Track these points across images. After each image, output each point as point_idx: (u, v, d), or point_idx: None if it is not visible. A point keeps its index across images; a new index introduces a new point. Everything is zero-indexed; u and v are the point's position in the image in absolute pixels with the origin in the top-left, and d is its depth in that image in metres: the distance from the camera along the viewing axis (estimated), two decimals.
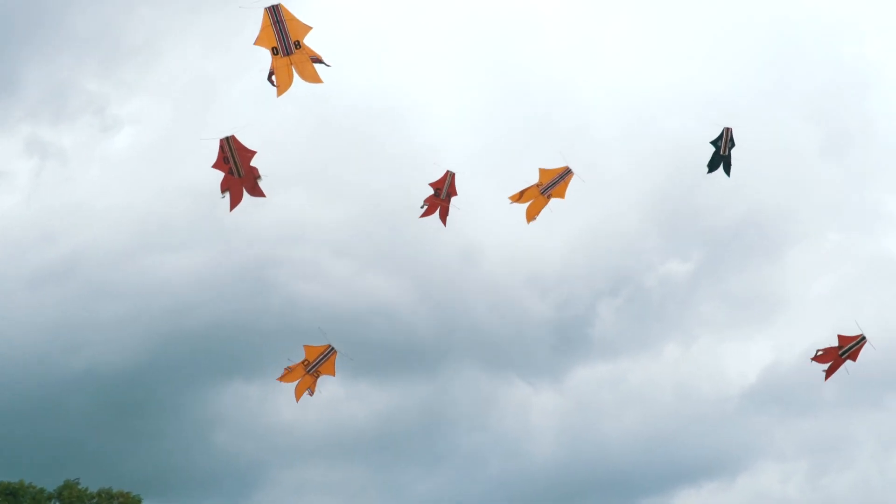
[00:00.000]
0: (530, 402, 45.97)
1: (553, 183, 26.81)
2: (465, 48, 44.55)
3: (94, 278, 43.41)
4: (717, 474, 45.16)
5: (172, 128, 43.84)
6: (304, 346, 25.08)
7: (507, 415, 45.74)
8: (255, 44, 21.54)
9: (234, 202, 22.97)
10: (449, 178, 26.96)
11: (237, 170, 22.50)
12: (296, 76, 21.71)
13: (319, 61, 21.77)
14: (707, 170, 27.61)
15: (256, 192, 22.94)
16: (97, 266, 43.63)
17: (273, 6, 21.15)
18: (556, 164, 26.55)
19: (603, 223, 46.53)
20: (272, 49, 21.42)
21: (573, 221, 45.56)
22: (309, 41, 21.51)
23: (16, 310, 42.64)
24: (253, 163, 22.30)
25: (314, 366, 25.18)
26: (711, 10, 49.87)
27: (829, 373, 25.94)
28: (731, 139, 27.46)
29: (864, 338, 25.80)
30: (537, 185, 27.10)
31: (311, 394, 24.84)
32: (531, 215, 27.04)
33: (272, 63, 21.54)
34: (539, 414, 45.82)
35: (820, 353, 25.75)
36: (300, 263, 43.72)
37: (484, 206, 45.57)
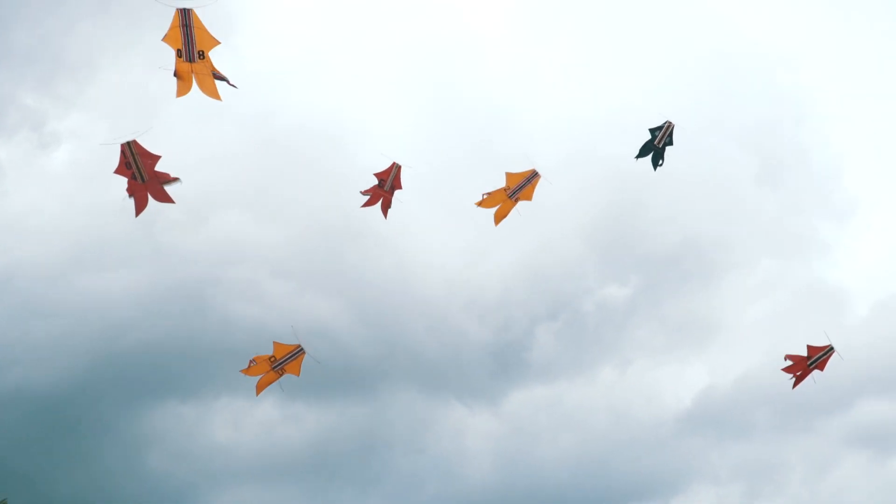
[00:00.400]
0: (467, 425, 45.96)
1: (520, 186, 27.05)
2: (406, 71, 44.63)
3: (27, 296, 42.76)
4: (652, 497, 45.32)
5: (111, 147, 43.35)
6: (273, 342, 25.23)
7: (443, 437, 45.66)
8: (162, 40, 21.30)
9: (139, 208, 22.55)
10: (395, 170, 27.09)
11: (140, 175, 22.08)
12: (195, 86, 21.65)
13: (223, 79, 21.95)
14: (637, 155, 27.78)
15: (163, 197, 22.51)
16: (30, 284, 42.98)
17: (185, 9, 21.09)
18: (515, 169, 26.79)
19: (542, 249, 46.91)
20: (177, 51, 21.29)
21: (513, 247, 45.90)
22: (215, 55, 21.66)
23: None
24: (168, 171, 22.08)
25: (280, 363, 25.54)
26: (651, 40, 50.57)
27: (797, 381, 26.28)
28: (670, 135, 27.60)
29: (832, 348, 26.16)
30: (504, 189, 27.36)
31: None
32: (499, 218, 27.31)
33: (175, 64, 21.46)
34: (475, 436, 45.81)
35: (789, 363, 26.11)
36: (238, 284, 43.47)
37: (424, 229, 46.02)
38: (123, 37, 44.51)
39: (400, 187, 27.84)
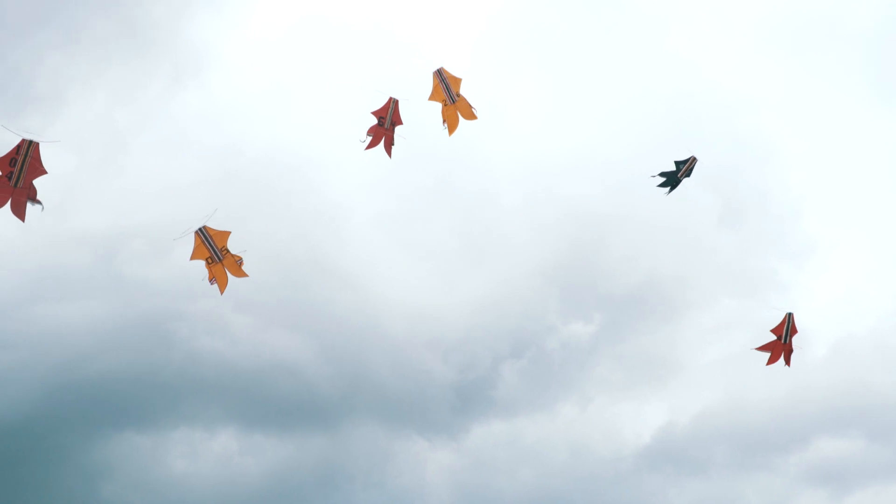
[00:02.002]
0: (427, 459, 45.93)
1: (447, 89, 27.43)
2: (370, 106, 44.89)
3: None
4: None
5: (76, 177, 43.33)
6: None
7: (403, 471, 45.58)
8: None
9: None
10: (392, 104, 27.21)
11: (17, 178, 20.55)
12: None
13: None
14: (659, 181, 28.60)
15: (18, 211, 20.83)
16: None
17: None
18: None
19: (505, 287, 47.23)
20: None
21: (476, 284, 46.18)
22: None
23: None
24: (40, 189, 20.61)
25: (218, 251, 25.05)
26: (613, 81, 51.23)
27: (787, 360, 26.44)
28: (691, 170, 28.53)
29: (790, 314, 26.48)
30: (444, 105, 27.74)
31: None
32: (452, 128, 28.01)
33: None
34: (436, 470, 45.77)
35: (767, 354, 26.29)
36: (202, 317, 43.35)
37: (387, 265, 46.21)
38: (92, 68, 44.55)
39: (400, 122, 28.04)
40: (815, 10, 53.75)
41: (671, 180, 28.96)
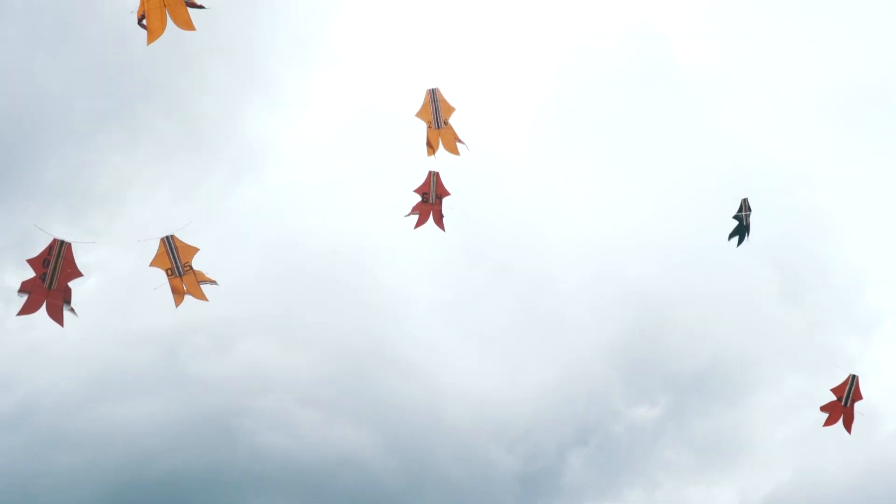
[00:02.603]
0: None
1: (435, 111, 26.87)
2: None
3: (49, 426, 42.45)
4: None
5: (137, 276, 43.65)
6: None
7: None
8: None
9: (28, 309, 20.35)
10: (433, 178, 26.90)
11: (51, 279, 20.32)
12: (168, 21, 19.84)
13: (194, 5, 20.07)
14: (730, 238, 28.60)
15: (56, 315, 20.52)
16: (52, 414, 42.73)
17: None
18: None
19: (568, 372, 46.70)
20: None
21: (539, 370, 45.75)
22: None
23: None
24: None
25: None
26: (667, 159, 51.14)
27: (847, 425, 26.14)
28: (749, 207, 28.70)
29: (854, 376, 25.74)
30: (428, 126, 27.24)
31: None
32: (433, 150, 27.18)
33: (141, 4, 19.91)
34: None
35: (826, 415, 25.63)
36: (266, 412, 43.17)
37: (450, 353, 45.90)
38: (152, 168, 45.17)
39: (446, 193, 27.69)
40: (866, 80, 53.68)
41: (741, 229, 29.08)
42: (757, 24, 53.77)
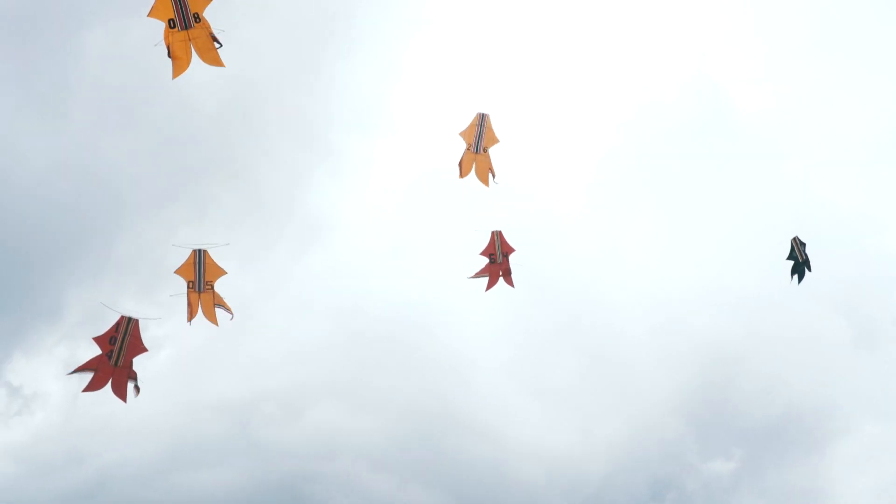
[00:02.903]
0: None
1: (479, 135, 26.68)
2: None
3: (123, 498, 42.94)
4: None
5: (208, 347, 44.35)
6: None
7: None
8: (149, 15, 19.42)
9: (93, 386, 20.29)
10: (497, 238, 26.98)
11: (117, 357, 20.29)
12: (195, 56, 19.49)
13: (216, 41, 19.80)
14: (792, 276, 28.69)
15: (120, 392, 20.40)
16: (126, 485, 43.23)
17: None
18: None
19: (640, 427, 46.28)
20: (168, 21, 19.25)
21: (610, 427, 45.41)
22: (209, 14, 19.78)
23: None
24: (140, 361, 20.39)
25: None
26: (730, 209, 50.84)
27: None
28: (802, 243, 28.91)
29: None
30: (467, 148, 27.09)
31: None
32: (465, 172, 27.06)
33: (166, 37, 19.38)
34: None
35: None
36: (337, 478, 43.29)
37: (520, 413, 45.74)
38: (220, 240, 45.86)
39: (511, 250, 27.76)
40: None
41: (799, 266, 29.26)
42: (816, 68, 53.57)
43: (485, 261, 28.08)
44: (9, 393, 44.07)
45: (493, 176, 27.56)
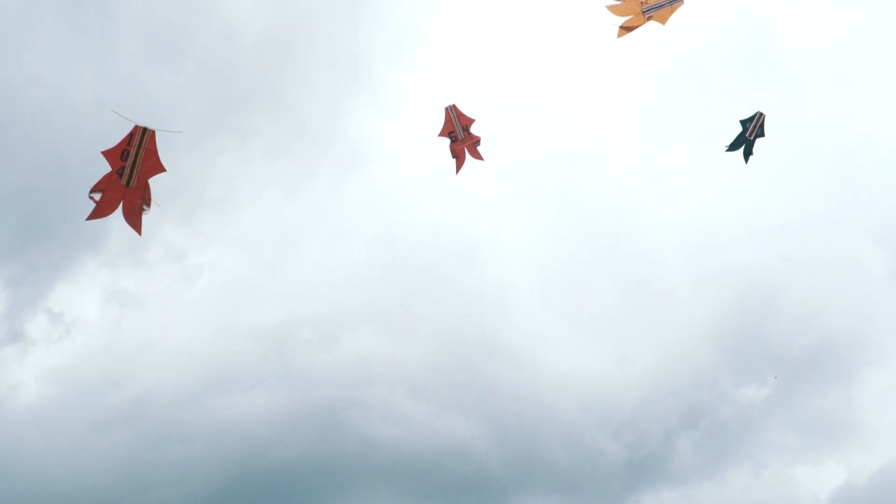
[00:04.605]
0: None
1: (659, 5, 26.17)
2: (530, 183, 45.04)
3: (161, 421, 43.39)
4: None
5: (247, 274, 44.47)
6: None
7: None
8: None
9: (100, 212, 17.44)
10: (452, 113, 26.89)
11: (130, 174, 17.35)
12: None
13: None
14: (727, 148, 28.10)
15: (133, 219, 17.55)
16: (164, 408, 43.68)
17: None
18: None
19: (674, 356, 46.33)
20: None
21: (645, 355, 45.45)
22: None
23: (82, 451, 42.45)
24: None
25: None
26: (771, 140, 50.15)
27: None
28: (762, 126, 27.96)
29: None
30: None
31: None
32: (624, 31, 26.22)
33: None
34: None
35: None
36: (375, 404, 43.60)
37: (556, 341, 45.84)
38: (261, 170, 45.84)
39: (472, 121, 27.46)
40: None
41: (741, 142, 28.42)
42: (858, 2, 52.42)
43: (447, 142, 27.87)
44: (50, 319, 44.43)
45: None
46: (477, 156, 27.81)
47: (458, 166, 27.74)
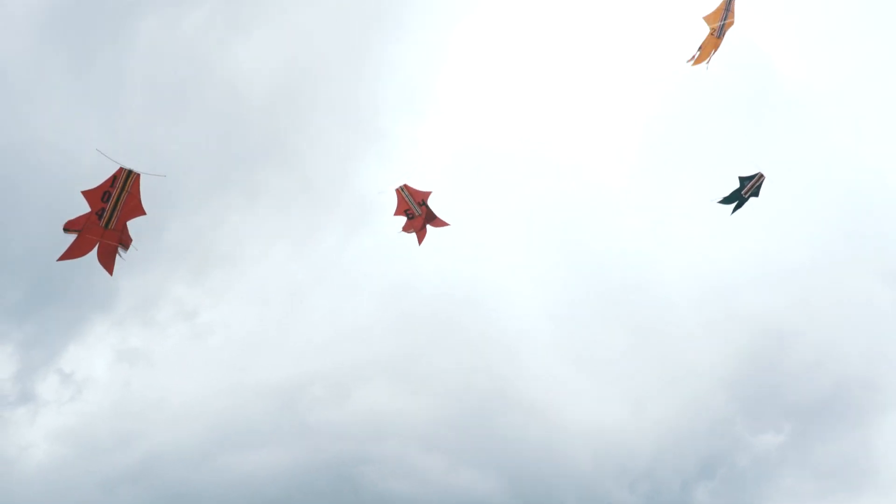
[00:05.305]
0: None
1: (722, 19, 26.46)
2: (536, 230, 45.08)
3: (172, 479, 43.16)
4: None
5: (257, 330, 44.41)
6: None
7: None
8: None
9: (72, 253, 17.07)
10: (405, 192, 27.00)
11: (110, 216, 17.15)
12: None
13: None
14: (720, 201, 28.14)
15: (107, 261, 17.24)
16: (174, 467, 43.46)
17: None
18: None
19: (688, 403, 46.01)
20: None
21: (660, 405, 45.16)
22: None
23: None
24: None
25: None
26: (778, 182, 50.17)
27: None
28: (759, 188, 28.12)
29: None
30: (710, 33, 26.99)
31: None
32: (703, 58, 27.58)
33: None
34: None
35: None
36: (389, 459, 43.30)
37: (570, 391, 45.55)
38: (270, 226, 45.95)
39: (426, 195, 27.77)
40: None
41: (735, 198, 28.46)
42: (859, 41, 52.65)
43: (403, 220, 28.15)
44: (61, 380, 44.41)
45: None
46: (440, 224, 28.20)
47: (420, 239, 28.17)
